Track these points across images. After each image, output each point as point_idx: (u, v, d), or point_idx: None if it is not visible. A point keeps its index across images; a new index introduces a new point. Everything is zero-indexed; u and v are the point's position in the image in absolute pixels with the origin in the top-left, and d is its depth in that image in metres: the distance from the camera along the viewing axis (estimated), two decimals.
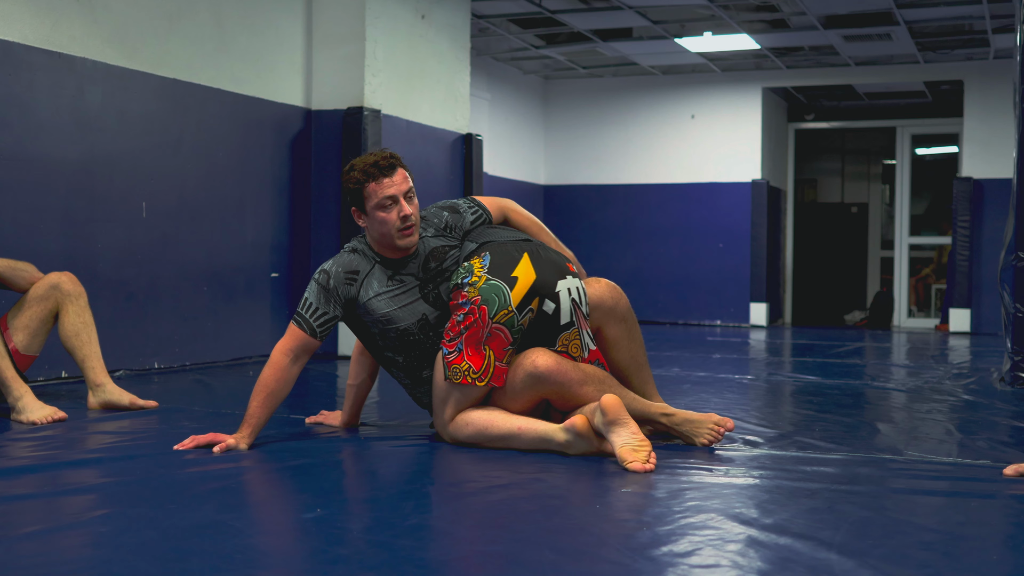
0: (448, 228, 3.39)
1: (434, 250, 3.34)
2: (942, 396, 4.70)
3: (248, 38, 6.08)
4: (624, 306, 3.42)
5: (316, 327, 3.21)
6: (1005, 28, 8.57)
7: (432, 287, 3.31)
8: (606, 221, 11.12)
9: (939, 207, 12.49)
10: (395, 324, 3.27)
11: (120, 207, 5.21)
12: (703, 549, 2.07)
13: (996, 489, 2.67)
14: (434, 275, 3.32)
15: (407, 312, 3.27)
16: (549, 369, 3.13)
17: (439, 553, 2.09)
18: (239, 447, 3.12)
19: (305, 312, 3.23)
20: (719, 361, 6.43)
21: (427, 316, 3.29)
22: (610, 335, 3.40)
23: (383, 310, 3.26)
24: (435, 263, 3.32)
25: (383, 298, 3.26)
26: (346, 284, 3.26)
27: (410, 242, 3.27)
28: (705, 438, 3.23)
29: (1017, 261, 5.08)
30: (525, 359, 3.16)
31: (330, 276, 3.25)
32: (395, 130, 6.66)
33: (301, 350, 3.21)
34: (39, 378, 4.75)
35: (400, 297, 3.28)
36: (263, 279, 6.18)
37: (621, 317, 3.41)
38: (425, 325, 3.29)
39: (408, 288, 3.29)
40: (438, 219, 3.41)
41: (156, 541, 2.08)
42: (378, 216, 3.24)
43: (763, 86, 10.72)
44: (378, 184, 3.23)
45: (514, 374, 3.17)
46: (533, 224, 3.56)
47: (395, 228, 3.24)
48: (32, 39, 4.74)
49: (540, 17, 8.55)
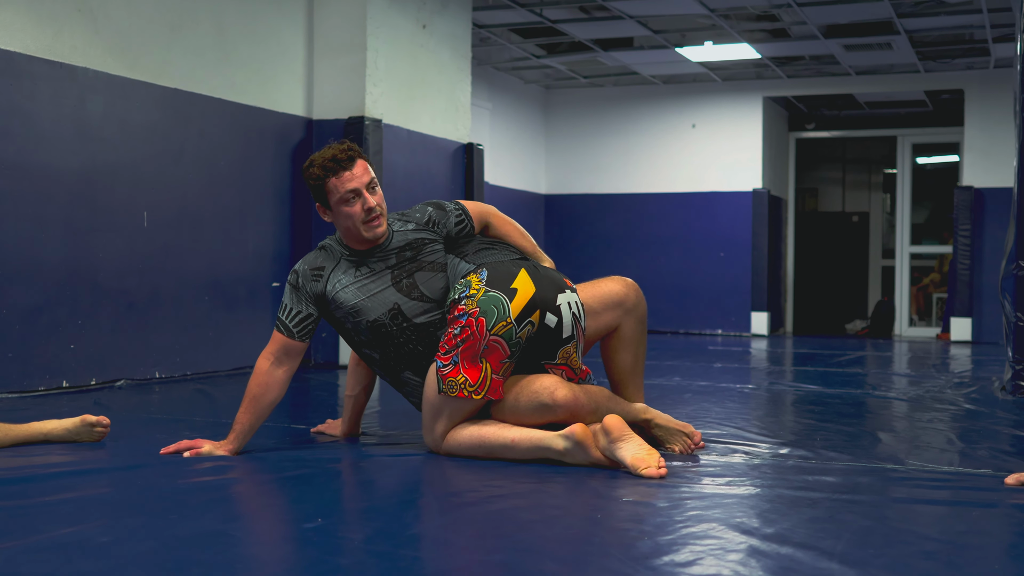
0: (431, 223, 3.37)
1: (412, 241, 3.32)
2: (943, 405, 4.69)
3: (249, 48, 6.09)
4: (644, 307, 3.45)
5: (292, 327, 3.22)
6: (1005, 37, 8.58)
7: (406, 276, 3.27)
8: (607, 230, 11.12)
9: (940, 216, 12.49)
10: (364, 316, 3.24)
11: (121, 216, 5.21)
12: (704, 559, 2.07)
13: (998, 498, 2.66)
14: (409, 264, 3.29)
15: (376, 302, 3.24)
16: (567, 402, 3.10)
17: (440, 563, 2.09)
18: (216, 453, 3.13)
19: (282, 315, 3.25)
20: (720, 370, 6.43)
21: (399, 305, 3.24)
22: (625, 333, 3.40)
23: (351, 301, 3.24)
24: (411, 252, 3.30)
25: (351, 289, 3.25)
26: (313, 280, 3.26)
27: (377, 232, 3.25)
28: (676, 446, 3.27)
29: (1018, 270, 5.08)
30: (541, 388, 3.11)
31: (299, 275, 3.27)
32: (396, 139, 6.67)
33: (282, 353, 3.22)
34: (40, 388, 4.75)
35: (369, 286, 3.25)
36: (264, 288, 6.18)
37: (640, 317, 3.43)
38: (397, 315, 3.24)
39: (378, 276, 3.27)
40: (420, 214, 3.39)
41: (156, 551, 2.07)
42: (342, 211, 3.23)
43: (764, 95, 10.73)
44: (338, 179, 3.21)
45: (521, 395, 3.13)
46: (515, 230, 3.53)
47: (360, 220, 3.22)
48: (34, 49, 4.75)
49: (541, 27, 8.57)
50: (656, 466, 2.85)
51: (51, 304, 4.83)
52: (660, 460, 2.89)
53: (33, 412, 4.01)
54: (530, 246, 3.52)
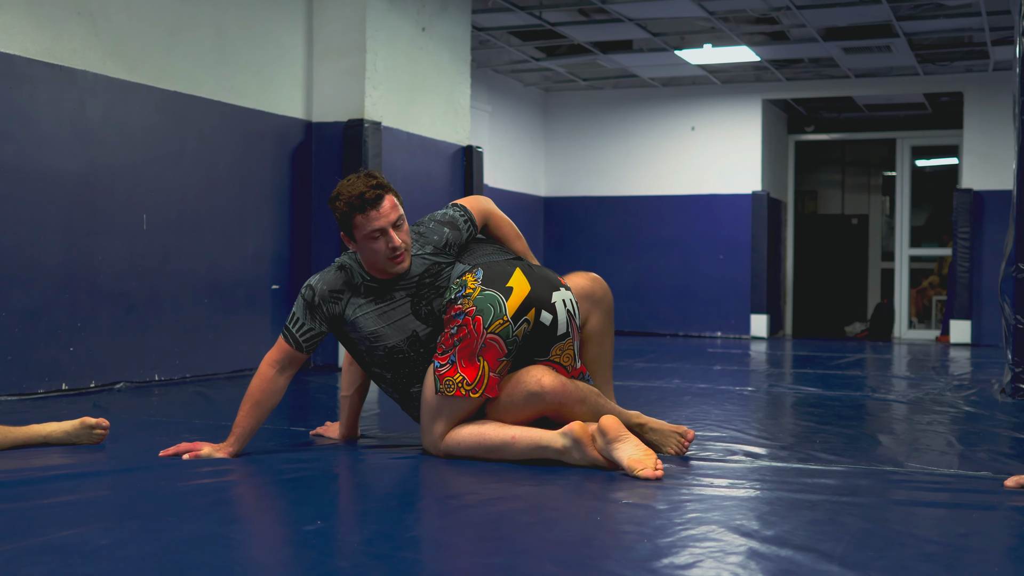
0: (448, 246, 3.35)
1: (430, 267, 3.30)
2: (943, 408, 4.69)
3: (249, 51, 6.09)
4: (609, 300, 3.49)
5: (302, 341, 3.22)
6: (1004, 40, 8.59)
7: (425, 303, 3.26)
8: (606, 233, 11.12)
9: (939, 219, 12.49)
10: (383, 341, 3.24)
11: (121, 219, 5.21)
12: (704, 561, 2.07)
13: (997, 501, 2.66)
14: (428, 291, 3.28)
15: (395, 329, 3.24)
16: (554, 389, 3.11)
17: (439, 565, 2.09)
18: (215, 456, 3.13)
19: (292, 326, 3.24)
20: (720, 373, 6.42)
21: (417, 332, 3.25)
22: (592, 326, 3.43)
23: (370, 327, 3.23)
24: (430, 279, 3.29)
25: (371, 316, 3.24)
26: (331, 302, 3.24)
27: (400, 269, 3.23)
28: (671, 448, 3.26)
29: (1017, 272, 5.08)
30: (528, 377, 3.14)
31: (315, 293, 3.24)
32: (395, 142, 6.67)
33: (287, 361, 3.23)
34: (39, 390, 4.75)
35: (389, 314, 3.24)
36: (264, 291, 6.18)
37: (606, 310, 3.47)
38: (415, 342, 3.25)
39: (398, 304, 3.25)
40: (438, 236, 3.35)
41: (156, 554, 2.07)
42: (368, 246, 3.19)
43: (763, 98, 10.74)
44: (365, 217, 3.16)
45: (514, 389, 3.15)
46: (511, 231, 3.53)
47: (384, 257, 3.20)
48: (33, 52, 4.76)
49: (540, 29, 8.57)
50: (652, 467, 2.86)
51: (51, 307, 4.83)
52: (657, 462, 2.89)
53: (32, 414, 4.00)
54: (522, 247, 3.52)
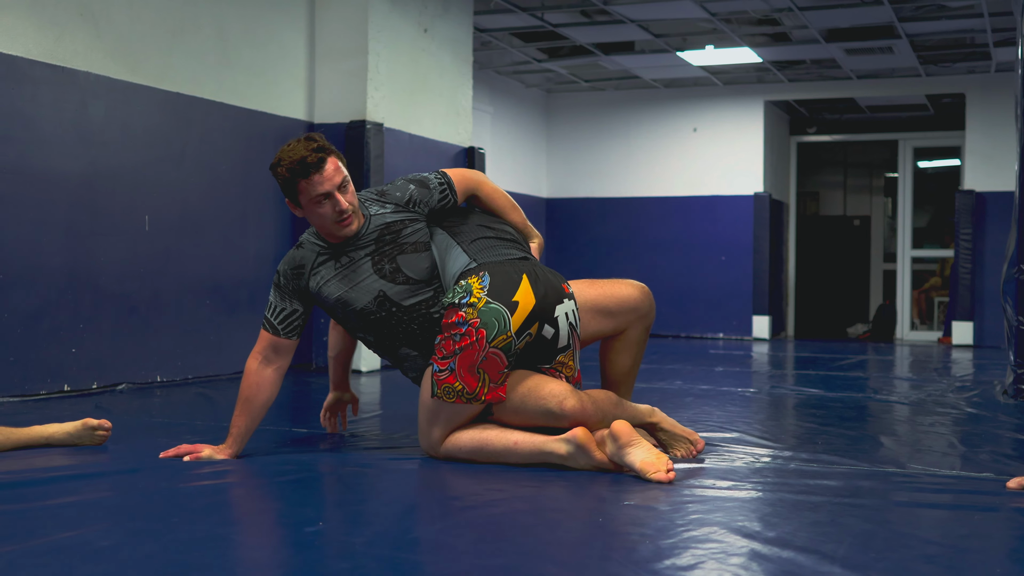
0: (412, 202, 3.32)
1: (390, 224, 3.27)
2: (945, 409, 4.69)
3: (251, 52, 6.09)
4: (653, 316, 3.48)
5: (278, 325, 3.23)
6: (1007, 41, 8.58)
7: (388, 261, 3.24)
8: (608, 234, 11.12)
9: (941, 220, 12.48)
10: (351, 305, 3.23)
11: (123, 220, 5.22)
12: (706, 562, 2.07)
13: (999, 502, 2.66)
14: (390, 248, 3.25)
15: (361, 291, 3.23)
16: (575, 413, 3.09)
17: (440, 567, 2.09)
18: (216, 457, 3.14)
19: (268, 314, 3.26)
20: (721, 374, 6.42)
21: (385, 292, 3.22)
22: (631, 337, 3.42)
23: (336, 293, 3.23)
24: (390, 235, 3.26)
25: (333, 282, 3.24)
26: (295, 278, 3.26)
27: (348, 232, 3.21)
28: (679, 451, 3.26)
29: (1020, 274, 5.08)
30: (550, 395, 3.10)
31: (280, 274, 3.28)
32: (397, 143, 6.67)
33: (270, 350, 3.23)
34: (41, 392, 4.75)
35: (350, 276, 3.23)
36: (265, 292, 6.18)
37: (648, 325, 3.47)
38: (384, 301, 3.22)
39: (360, 265, 3.24)
40: (401, 192, 3.33)
41: (157, 555, 2.07)
42: (314, 210, 3.18)
43: (765, 99, 10.73)
44: (308, 182, 3.14)
45: (529, 399, 3.11)
46: (506, 202, 3.51)
47: (331, 220, 3.19)
48: (35, 53, 4.76)
49: (542, 31, 8.57)
50: (665, 470, 2.85)
51: (52, 308, 4.83)
52: (669, 463, 2.88)
53: (34, 416, 4.01)
54: (520, 219, 3.51)
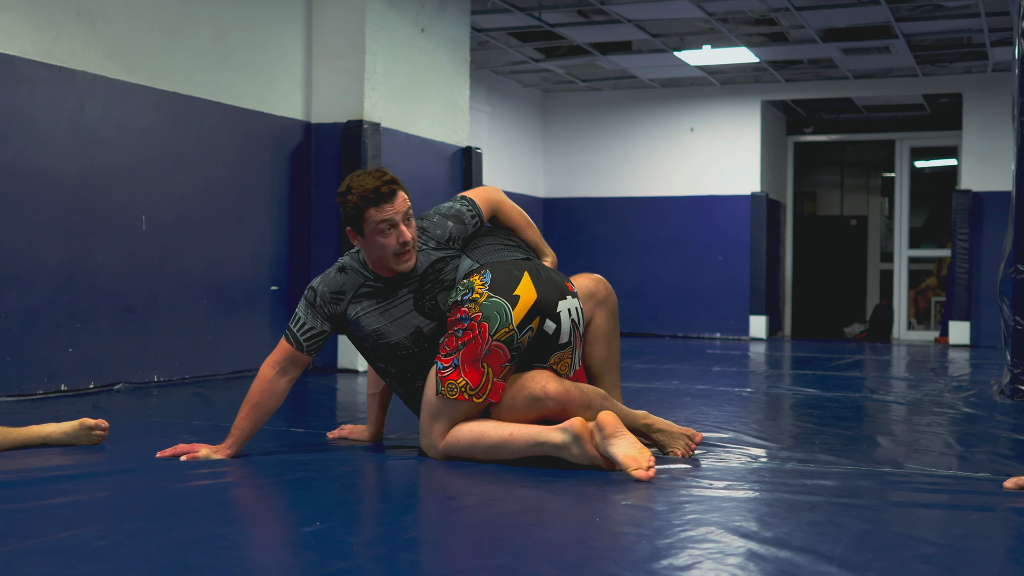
0: (452, 240, 3.35)
1: (435, 262, 3.30)
2: (942, 409, 4.69)
3: (248, 51, 6.09)
4: (614, 301, 3.51)
5: (303, 341, 3.22)
6: (1003, 41, 8.59)
7: (429, 298, 3.27)
8: (605, 234, 11.12)
9: (938, 220, 12.50)
10: (386, 339, 3.24)
11: (120, 220, 5.21)
12: (703, 562, 2.07)
13: (996, 502, 2.66)
14: (432, 286, 3.28)
15: (398, 326, 3.24)
16: (558, 394, 3.11)
17: (438, 567, 2.09)
18: (213, 457, 3.13)
19: (294, 327, 3.24)
20: (719, 374, 6.43)
21: (421, 328, 3.25)
22: (597, 326, 3.44)
23: (373, 325, 3.24)
24: (433, 274, 3.29)
25: (373, 314, 3.24)
26: (332, 303, 3.24)
27: (406, 267, 3.22)
28: (679, 450, 3.28)
29: (1016, 273, 5.08)
30: (533, 382, 3.14)
31: (316, 294, 3.25)
32: (395, 143, 6.67)
33: (289, 363, 3.22)
34: (38, 391, 4.75)
35: (391, 311, 3.25)
36: (263, 292, 6.18)
37: (611, 310, 3.48)
38: (419, 337, 3.25)
39: (401, 301, 3.26)
40: (441, 230, 3.35)
41: (155, 555, 2.07)
42: (376, 241, 3.18)
43: (762, 99, 10.74)
44: (378, 210, 3.15)
45: (518, 393, 3.14)
46: (522, 219, 3.53)
47: (392, 252, 3.19)
48: (32, 53, 4.75)
49: (539, 30, 8.57)
50: (645, 467, 2.86)
51: (49, 308, 4.82)
52: (651, 459, 2.89)
53: (31, 415, 4.00)
54: (534, 236, 3.53)
